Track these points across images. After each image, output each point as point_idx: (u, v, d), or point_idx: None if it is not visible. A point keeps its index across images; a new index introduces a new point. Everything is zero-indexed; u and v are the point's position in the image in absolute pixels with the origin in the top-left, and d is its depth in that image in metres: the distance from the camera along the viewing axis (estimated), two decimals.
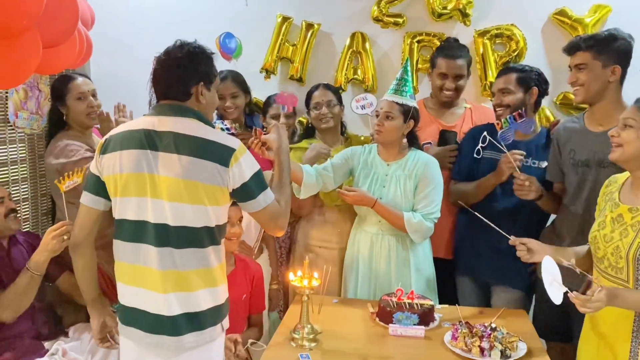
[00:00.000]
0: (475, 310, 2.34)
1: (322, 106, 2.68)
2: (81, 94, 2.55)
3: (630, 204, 1.76)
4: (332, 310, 2.32)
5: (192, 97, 1.77)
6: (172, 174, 1.68)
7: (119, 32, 3.28)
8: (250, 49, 3.13)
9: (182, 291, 1.72)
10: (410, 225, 2.35)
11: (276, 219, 1.83)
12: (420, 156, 2.44)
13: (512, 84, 2.50)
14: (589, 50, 2.17)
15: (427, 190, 2.37)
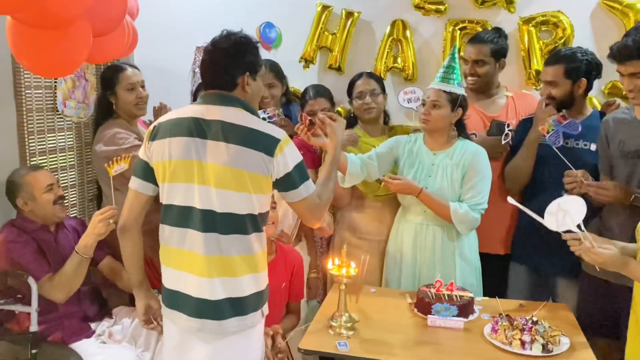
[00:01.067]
0: (516, 304, 2.30)
1: (366, 95, 2.64)
2: (131, 85, 2.61)
3: None
4: (370, 299, 2.33)
5: (238, 87, 1.80)
6: (219, 162, 1.72)
7: (162, 22, 3.32)
8: (289, 39, 3.15)
9: (227, 276, 1.75)
10: (456, 216, 2.31)
11: (314, 211, 1.86)
12: (468, 146, 2.39)
13: (559, 76, 2.41)
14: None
15: (475, 181, 2.32)
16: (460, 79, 2.36)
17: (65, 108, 2.75)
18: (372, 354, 1.91)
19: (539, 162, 2.51)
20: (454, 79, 2.34)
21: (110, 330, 2.28)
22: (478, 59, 2.65)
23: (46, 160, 2.67)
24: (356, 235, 2.65)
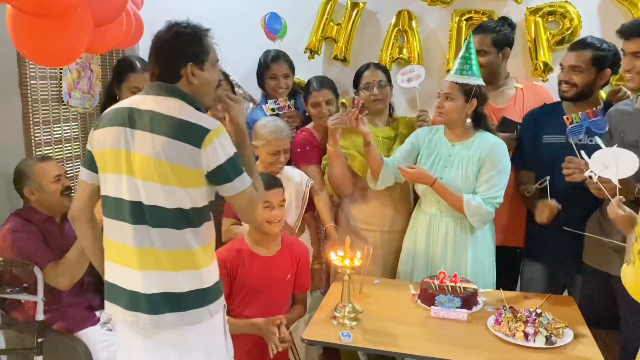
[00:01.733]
0: (520, 295, 2.30)
1: (374, 87, 2.62)
2: (136, 89, 2.56)
3: None
4: (374, 290, 2.33)
5: (182, 78, 1.73)
6: (144, 153, 1.66)
7: (167, 13, 3.30)
8: (295, 29, 3.13)
9: (160, 270, 1.69)
10: (469, 208, 2.30)
11: (255, 204, 1.78)
12: (487, 138, 2.35)
13: (586, 62, 2.34)
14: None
15: (491, 173, 2.29)
16: (475, 69, 2.30)
17: (71, 99, 2.76)
18: (375, 345, 1.92)
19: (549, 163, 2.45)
20: (467, 70, 2.30)
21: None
22: (480, 49, 2.60)
23: (51, 151, 2.68)
24: (359, 226, 2.64)
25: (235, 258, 2.18)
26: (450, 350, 1.88)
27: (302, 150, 2.70)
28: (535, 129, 2.53)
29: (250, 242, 2.23)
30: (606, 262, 2.07)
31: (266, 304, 2.19)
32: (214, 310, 1.77)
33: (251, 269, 2.18)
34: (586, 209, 2.31)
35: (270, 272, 2.20)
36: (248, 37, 3.16)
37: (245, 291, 2.19)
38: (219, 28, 3.19)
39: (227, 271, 2.16)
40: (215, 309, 1.78)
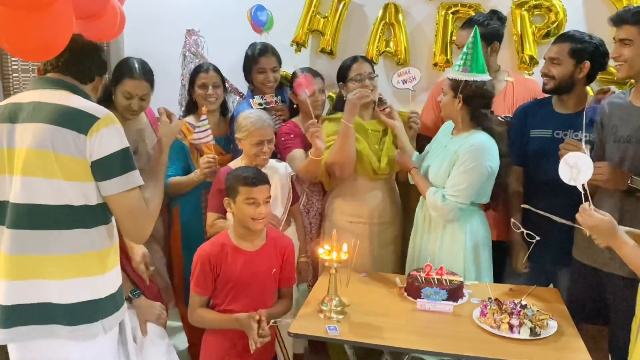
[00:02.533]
0: (505, 288, 2.31)
1: (365, 79, 2.63)
2: (129, 94, 2.53)
3: None
4: (361, 283, 2.34)
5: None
6: (27, 145, 1.53)
7: (152, 5, 3.28)
8: (281, 22, 3.11)
9: (40, 278, 1.56)
10: (428, 200, 2.32)
11: (137, 214, 1.64)
12: (474, 137, 2.27)
13: (564, 54, 2.38)
14: (637, 24, 2.03)
15: (456, 172, 2.25)
16: (467, 64, 2.25)
17: None
18: (361, 338, 1.93)
19: (536, 157, 2.50)
20: (461, 65, 2.26)
21: None
22: (460, 42, 2.63)
23: None
24: (347, 219, 2.64)
25: (219, 253, 2.17)
26: (436, 343, 1.89)
27: (286, 138, 2.72)
28: (524, 123, 2.56)
29: (234, 237, 2.22)
30: (595, 258, 2.09)
31: (251, 299, 2.18)
32: (107, 326, 1.64)
33: (235, 264, 2.17)
34: (572, 201, 2.32)
35: (255, 267, 2.19)
36: (234, 29, 3.13)
37: (229, 286, 2.18)
38: (204, 21, 3.25)
39: (210, 266, 2.15)
40: (109, 325, 1.64)
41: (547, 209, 2.08)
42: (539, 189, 2.48)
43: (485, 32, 2.62)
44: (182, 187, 2.69)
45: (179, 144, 2.72)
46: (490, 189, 2.35)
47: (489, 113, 2.32)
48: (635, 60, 2.06)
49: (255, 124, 2.47)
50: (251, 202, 2.14)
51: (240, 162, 2.52)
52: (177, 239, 2.81)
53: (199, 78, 2.80)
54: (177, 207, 2.80)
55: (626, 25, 2.06)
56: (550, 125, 2.48)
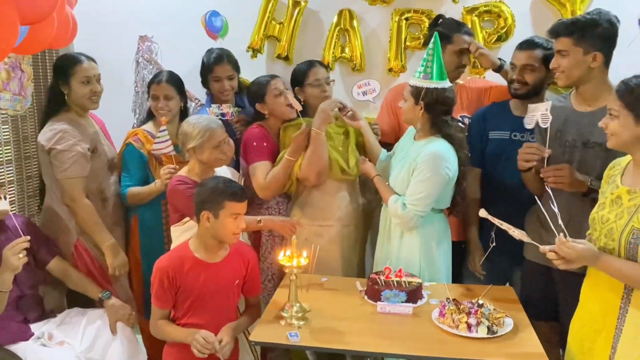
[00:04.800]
0: (463, 288, 2.36)
1: (323, 83, 2.65)
2: (87, 78, 2.51)
3: (629, 186, 1.76)
4: (322, 289, 2.34)
5: None
6: None
7: (104, 11, 3.22)
8: (236, 28, 3.10)
9: None
10: (390, 208, 2.35)
11: None
12: (433, 145, 2.29)
13: (538, 61, 2.43)
14: (570, 36, 2.11)
15: (415, 180, 2.27)
16: (428, 71, 2.26)
17: (0, 101, 2.62)
18: (322, 343, 1.93)
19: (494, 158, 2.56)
20: (420, 72, 2.27)
21: (50, 332, 2.22)
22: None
23: None
24: (318, 223, 2.63)
25: (179, 267, 2.12)
26: (396, 345, 1.91)
27: (258, 144, 2.62)
28: (482, 125, 2.62)
29: (197, 249, 2.17)
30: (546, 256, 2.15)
31: (213, 312, 2.15)
32: None
33: (197, 277, 2.13)
34: (527, 203, 2.39)
35: (218, 279, 2.15)
36: (189, 35, 3.11)
37: (191, 300, 2.14)
38: (158, 26, 3.20)
39: (169, 281, 2.10)
40: None
41: (505, 210, 2.14)
42: (497, 189, 2.54)
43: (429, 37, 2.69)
44: (142, 198, 2.64)
45: (137, 153, 2.67)
46: (449, 195, 2.39)
47: (449, 119, 2.35)
48: (572, 70, 2.14)
49: (210, 126, 2.39)
50: (235, 217, 2.10)
51: (192, 171, 2.43)
52: (136, 249, 2.75)
53: (151, 89, 2.76)
54: (136, 217, 2.74)
55: (561, 37, 2.14)
56: (508, 127, 2.55)
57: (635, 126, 1.71)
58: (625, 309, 1.74)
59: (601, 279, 1.79)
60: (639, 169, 1.77)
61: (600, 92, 2.14)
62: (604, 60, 2.12)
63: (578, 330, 1.92)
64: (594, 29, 2.09)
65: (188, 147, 2.39)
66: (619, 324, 1.75)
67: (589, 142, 2.15)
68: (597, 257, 1.73)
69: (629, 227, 1.70)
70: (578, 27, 2.10)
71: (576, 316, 1.95)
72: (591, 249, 1.74)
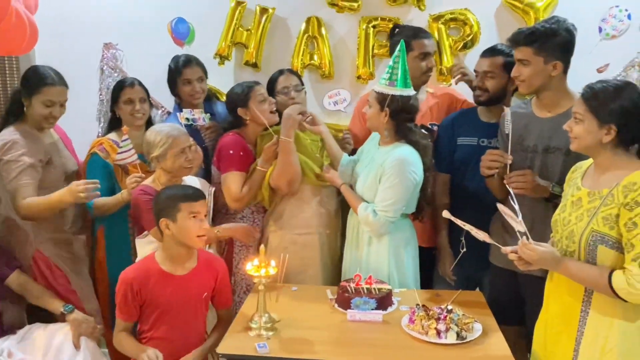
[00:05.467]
0: (432, 293, 2.36)
1: (291, 91, 2.64)
2: (50, 102, 2.44)
3: (589, 188, 1.78)
4: (292, 298, 2.32)
5: None
6: None
7: (66, 17, 3.16)
8: (203, 35, 3.07)
9: None
10: (360, 215, 2.34)
11: None
12: (399, 151, 2.31)
13: (498, 68, 2.47)
14: (531, 45, 2.14)
15: (383, 187, 2.28)
16: (394, 78, 2.27)
17: None
18: (292, 354, 1.90)
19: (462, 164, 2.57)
20: (386, 79, 2.29)
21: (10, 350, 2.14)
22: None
23: None
24: (297, 231, 2.61)
25: (144, 279, 2.08)
26: (366, 353, 1.90)
27: (235, 152, 2.56)
28: (451, 132, 2.64)
29: (163, 261, 2.13)
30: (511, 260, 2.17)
31: (181, 325, 2.11)
32: None
33: (163, 289, 2.08)
34: (496, 208, 2.41)
35: (185, 291, 2.11)
36: (154, 42, 3.07)
37: (157, 313, 2.09)
38: (123, 34, 3.15)
39: (133, 293, 2.06)
40: None
41: (474, 215, 2.15)
42: (465, 195, 2.56)
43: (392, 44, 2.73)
44: (109, 209, 2.57)
45: (102, 163, 2.61)
46: (415, 199, 2.40)
47: (413, 126, 2.38)
48: (533, 79, 2.17)
49: (172, 133, 2.36)
50: (193, 216, 2.06)
51: (158, 180, 2.39)
52: (102, 261, 2.69)
53: (124, 93, 2.70)
54: (102, 228, 2.68)
55: (521, 46, 2.17)
56: (475, 133, 2.58)
57: (598, 130, 1.74)
58: (586, 311, 1.76)
59: (562, 282, 1.82)
60: (599, 172, 1.80)
61: (560, 98, 2.19)
62: (563, 68, 2.17)
63: (542, 333, 1.94)
64: (553, 39, 2.12)
65: (151, 156, 2.36)
66: (580, 327, 1.77)
67: (550, 147, 2.18)
68: (558, 261, 1.76)
69: (588, 229, 1.72)
70: (538, 36, 2.13)
71: (540, 319, 1.97)
72: (552, 252, 1.76)
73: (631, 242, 1.63)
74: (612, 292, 1.65)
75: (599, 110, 1.73)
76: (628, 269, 1.63)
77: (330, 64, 3.11)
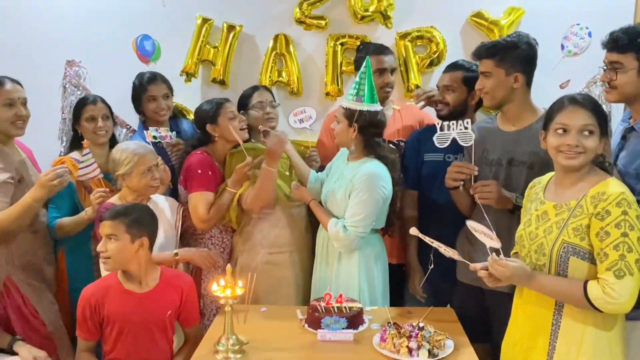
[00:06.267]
0: (404, 311, 2.33)
1: (266, 106, 2.63)
2: (10, 100, 2.36)
3: (554, 201, 1.79)
4: (260, 319, 2.25)
5: None
6: None
7: (28, 33, 3.09)
8: (169, 52, 3.04)
9: None
10: (330, 231, 2.32)
11: None
12: (368, 166, 2.31)
13: (457, 82, 2.51)
14: (492, 58, 2.18)
15: (353, 202, 2.27)
16: (362, 94, 2.28)
17: None
18: None
19: (429, 180, 2.58)
20: (353, 95, 2.29)
21: None
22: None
23: None
24: (269, 250, 2.56)
25: (103, 296, 2.02)
26: None
27: (203, 172, 2.51)
28: (417, 148, 2.66)
29: (124, 278, 2.08)
30: (477, 277, 2.17)
31: (145, 345, 2.05)
32: None
33: (123, 307, 2.03)
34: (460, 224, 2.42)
35: (147, 309, 2.05)
36: (119, 60, 3.03)
37: (117, 332, 2.03)
38: (87, 51, 3.09)
39: (91, 310, 2.01)
40: None
41: (442, 231, 2.14)
42: (433, 211, 2.56)
43: (355, 61, 2.78)
44: (72, 229, 2.50)
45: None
46: (385, 214, 2.39)
47: (381, 141, 2.39)
48: (495, 91, 2.20)
49: (137, 151, 2.32)
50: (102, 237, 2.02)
51: (124, 199, 2.34)
52: (64, 285, 2.60)
53: (85, 111, 2.65)
54: (62, 251, 2.60)
55: (484, 59, 2.21)
56: (441, 149, 2.56)
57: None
58: (557, 325, 1.76)
59: (532, 297, 1.81)
60: (561, 185, 1.82)
61: (523, 111, 2.22)
62: (525, 81, 2.20)
63: (510, 350, 1.93)
64: (514, 51, 2.17)
65: (117, 174, 2.32)
66: (552, 341, 1.76)
67: (514, 161, 2.20)
68: (529, 276, 1.75)
69: (559, 241, 1.73)
70: (499, 49, 2.18)
71: (508, 336, 1.96)
72: (524, 268, 1.75)
73: (604, 251, 1.64)
74: (588, 302, 1.65)
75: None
76: (603, 278, 1.64)
77: (298, 81, 3.10)
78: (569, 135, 1.73)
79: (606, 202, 1.65)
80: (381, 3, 2.98)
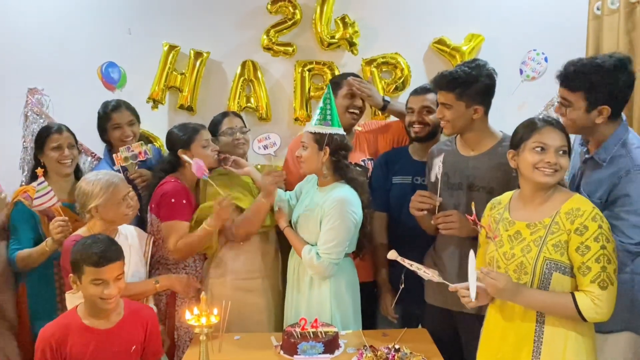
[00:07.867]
0: (379, 333, 2.33)
1: (236, 132, 2.63)
2: None
3: (526, 220, 1.83)
4: (235, 347, 2.22)
5: None
6: None
7: None
8: (135, 79, 3.01)
9: None
10: (304, 258, 2.31)
11: None
12: (338, 191, 2.32)
13: (433, 104, 2.52)
14: (452, 91, 2.19)
15: (325, 228, 2.28)
16: (329, 118, 2.31)
17: None
18: None
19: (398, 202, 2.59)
20: (322, 119, 2.31)
21: None
22: None
23: None
24: (242, 276, 2.53)
25: (63, 335, 1.94)
26: None
27: (177, 201, 2.46)
28: (386, 170, 2.68)
29: (85, 315, 2.00)
30: (446, 299, 2.18)
31: None
32: None
33: (86, 345, 1.95)
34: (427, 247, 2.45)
35: (111, 347, 1.99)
36: (83, 87, 2.99)
37: None
38: (49, 79, 3.03)
39: (52, 352, 1.92)
40: None
41: (411, 253, 2.16)
42: (402, 233, 2.58)
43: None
44: (34, 260, 2.40)
45: (28, 212, 2.45)
46: (356, 238, 2.40)
47: (350, 164, 2.41)
48: (456, 121, 2.23)
49: (111, 180, 2.26)
50: (98, 282, 1.94)
51: (92, 230, 2.25)
52: (25, 322, 2.50)
53: (50, 140, 2.57)
54: (23, 286, 2.50)
55: (443, 91, 2.22)
56: (409, 172, 2.63)
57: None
58: (540, 335, 1.78)
59: (516, 311, 1.82)
60: (530, 203, 1.86)
61: (482, 138, 2.26)
62: (484, 111, 2.23)
63: None
64: (474, 85, 2.17)
65: (90, 207, 2.23)
66: (535, 352, 1.78)
67: (474, 185, 2.23)
68: (517, 288, 1.76)
69: (541, 258, 1.76)
70: (459, 83, 2.17)
71: (482, 353, 1.96)
72: (512, 280, 1.77)
73: (587, 265, 1.70)
74: (578, 313, 1.70)
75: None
76: (589, 290, 1.70)
77: (267, 107, 3.12)
78: (548, 154, 1.78)
79: (582, 218, 1.71)
80: (347, 30, 3.04)
